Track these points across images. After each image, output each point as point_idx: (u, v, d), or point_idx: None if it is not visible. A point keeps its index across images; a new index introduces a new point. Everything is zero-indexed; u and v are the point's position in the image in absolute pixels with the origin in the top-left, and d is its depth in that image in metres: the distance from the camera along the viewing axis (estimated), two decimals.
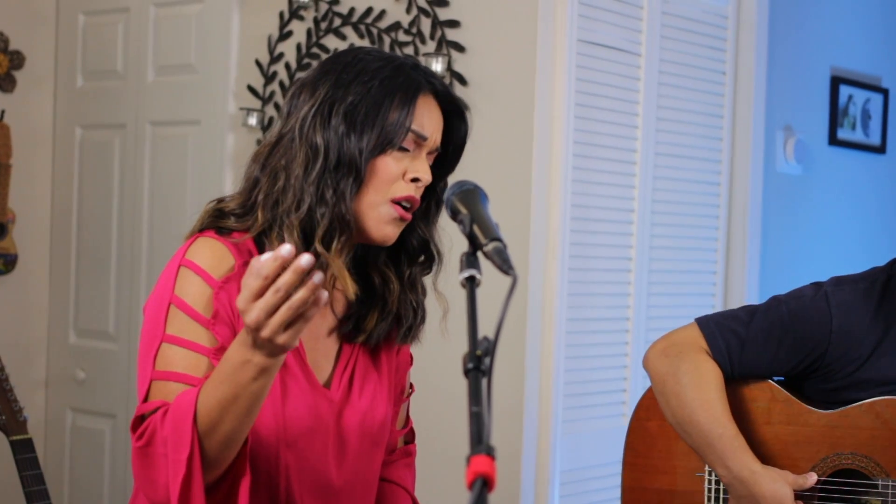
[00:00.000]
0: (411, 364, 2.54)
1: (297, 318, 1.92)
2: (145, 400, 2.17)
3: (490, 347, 1.62)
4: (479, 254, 1.86)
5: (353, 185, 2.21)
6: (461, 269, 1.78)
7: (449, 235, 2.37)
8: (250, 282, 1.90)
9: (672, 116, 4.55)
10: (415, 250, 2.37)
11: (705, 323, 2.76)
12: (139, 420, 2.16)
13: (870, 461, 2.61)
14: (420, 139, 2.25)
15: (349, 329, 2.36)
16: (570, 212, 4.13)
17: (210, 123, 4.82)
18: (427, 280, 2.42)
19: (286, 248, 1.87)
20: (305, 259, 1.86)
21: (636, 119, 4.39)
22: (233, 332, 2.19)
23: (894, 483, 2.58)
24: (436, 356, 4.19)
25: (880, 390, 2.64)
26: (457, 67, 4.19)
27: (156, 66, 5.04)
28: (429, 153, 2.28)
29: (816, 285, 2.77)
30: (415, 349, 2.53)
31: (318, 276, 1.88)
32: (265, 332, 1.92)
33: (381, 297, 2.36)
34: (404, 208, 2.26)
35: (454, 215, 1.99)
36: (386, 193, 2.24)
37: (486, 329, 1.63)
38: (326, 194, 2.20)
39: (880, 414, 2.62)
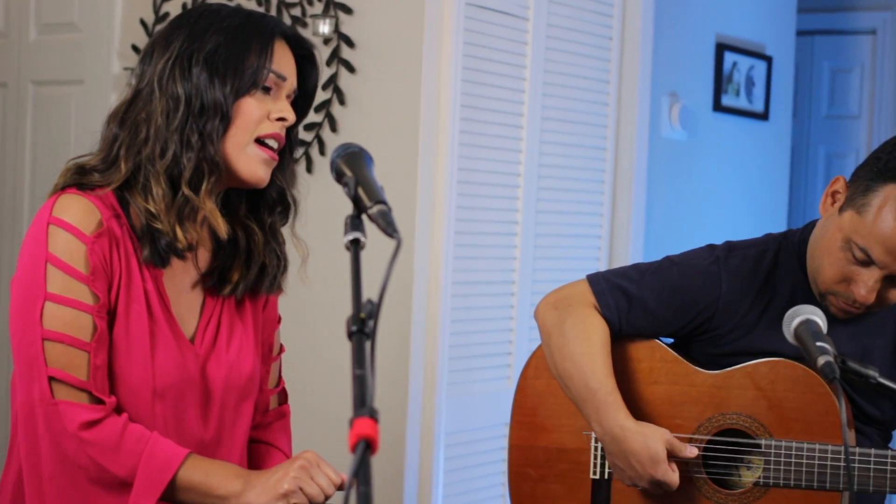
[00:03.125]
0: (279, 323, 2.57)
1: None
2: (46, 363, 2.20)
3: (374, 310, 1.62)
4: (364, 216, 1.87)
5: (219, 127, 2.27)
6: (346, 232, 1.78)
7: (306, 183, 2.42)
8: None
9: (559, 81, 4.56)
10: (273, 200, 2.44)
11: (596, 280, 2.78)
12: (65, 386, 2.20)
13: (754, 421, 2.65)
14: (280, 79, 2.32)
15: (214, 282, 2.39)
16: (456, 175, 4.13)
17: (94, 83, 4.75)
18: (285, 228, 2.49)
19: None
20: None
21: (523, 83, 4.40)
22: (108, 287, 2.23)
23: (777, 442, 2.62)
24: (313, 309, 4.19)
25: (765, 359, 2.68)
26: (344, 29, 4.17)
27: (38, 25, 4.95)
28: (286, 96, 2.35)
29: (710, 248, 2.80)
30: (289, 302, 2.54)
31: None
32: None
33: (246, 248, 2.40)
34: (271, 148, 2.32)
35: (339, 177, 1.99)
36: (252, 133, 2.30)
37: (370, 292, 1.63)
38: (192, 139, 2.25)
39: (765, 375, 2.66)
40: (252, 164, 2.31)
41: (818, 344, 2.27)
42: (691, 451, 2.63)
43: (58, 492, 2.25)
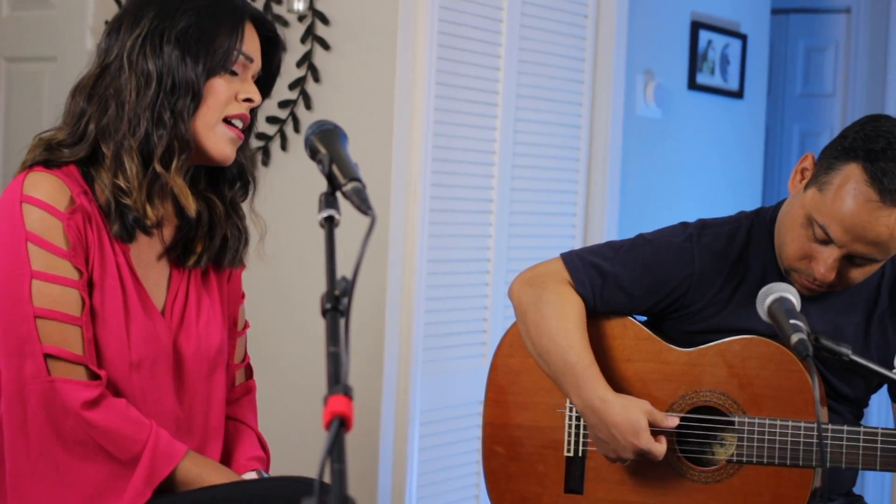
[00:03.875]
0: (243, 298, 2.61)
1: None
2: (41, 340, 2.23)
3: (348, 287, 1.62)
4: (338, 194, 1.87)
5: (191, 106, 2.30)
6: (320, 210, 1.79)
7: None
8: None
9: (534, 59, 4.56)
10: (233, 176, 2.47)
11: (570, 258, 2.79)
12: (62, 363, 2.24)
13: (727, 398, 2.66)
14: (248, 61, 2.36)
15: (178, 254, 2.43)
16: (431, 153, 4.13)
17: (67, 60, 4.71)
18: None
19: None
20: None
21: (498, 61, 4.39)
22: (86, 261, 2.26)
23: (750, 419, 2.63)
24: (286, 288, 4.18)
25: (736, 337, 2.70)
26: (319, 6, 4.15)
27: (11, 1, 4.92)
28: (252, 77, 2.39)
29: (683, 226, 2.81)
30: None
31: None
32: None
33: (208, 220, 2.44)
34: (237, 128, 2.36)
35: (313, 155, 2.00)
36: (221, 113, 2.33)
37: (345, 269, 1.63)
38: (164, 116, 2.28)
39: (738, 352, 2.68)
40: (221, 143, 2.35)
41: (792, 322, 2.28)
42: (672, 421, 2.64)
43: (43, 469, 2.28)
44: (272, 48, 2.45)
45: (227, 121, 2.34)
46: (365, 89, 4.10)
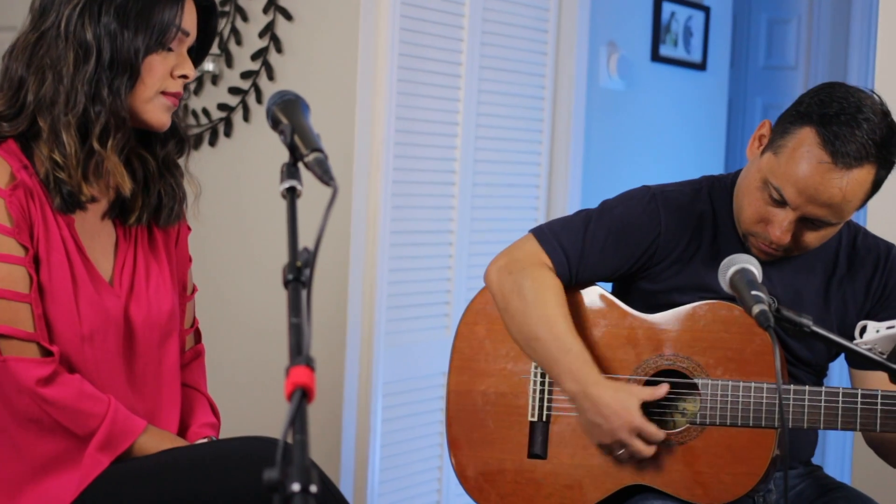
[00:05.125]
0: (190, 262, 2.61)
1: None
2: None
3: (310, 258, 1.62)
4: (300, 164, 1.86)
5: (128, 83, 2.29)
6: (281, 180, 1.78)
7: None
8: None
9: (497, 30, 4.55)
10: (165, 135, 2.45)
11: (542, 234, 2.79)
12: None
13: (690, 362, 2.69)
14: (184, 35, 2.34)
15: (118, 213, 2.41)
16: (394, 124, 4.12)
17: None
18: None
19: None
20: None
21: (461, 32, 4.38)
22: (31, 237, 2.25)
23: (714, 382, 2.66)
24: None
25: (698, 295, 2.72)
26: None
27: None
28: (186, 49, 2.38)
29: (646, 188, 2.84)
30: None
31: None
32: None
33: (143, 176, 2.42)
34: (174, 97, 2.35)
35: (275, 125, 1.99)
36: (157, 90, 2.32)
37: (307, 240, 1.63)
38: (102, 92, 2.27)
39: (702, 316, 2.70)
40: (158, 113, 2.35)
41: (753, 293, 2.30)
42: (661, 390, 2.65)
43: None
44: (208, 15, 2.44)
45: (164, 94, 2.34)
46: (328, 60, 4.09)
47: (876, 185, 2.58)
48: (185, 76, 2.34)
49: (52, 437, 2.28)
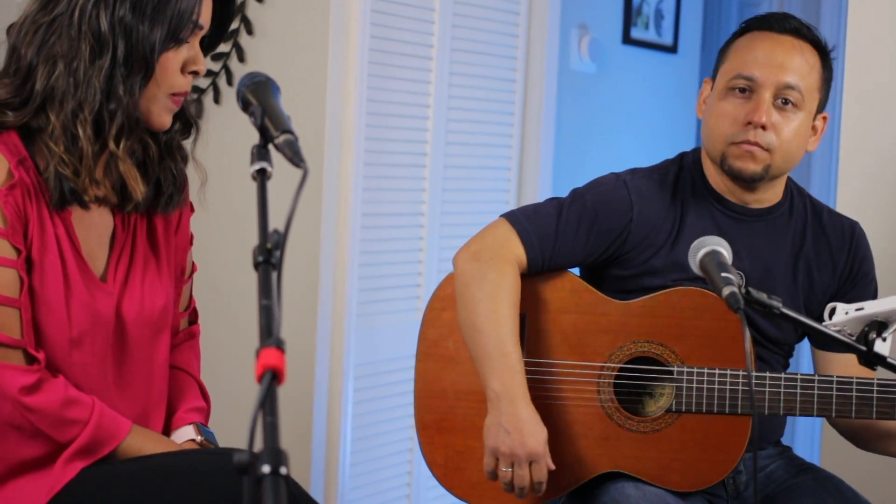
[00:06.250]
0: (191, 244, 2.55)
1: None
2: None
3: (280, 240, 1.62)
4: (271, 146, 1.86)
5: (142, 82, 2.21)
6: (252, 162, 1.78)
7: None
8: None
9: (468, 13, 4.55)
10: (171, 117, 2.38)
11: (515, 218, 2.78)
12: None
13: (665, 348, 2.70)
14: (199, 29, 2.27)
15: (117, 202, 2.32)
16: (365, 106, 4.11)
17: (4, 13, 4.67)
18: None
19: None
20: None
21: (433, 14, 4.38)
22: (25, 238, 2.18)
23: (689, 369, 2.67)
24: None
25: (672, 276, 2.74)
26: None
27: None
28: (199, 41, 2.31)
29: (614, 174, 2.85)
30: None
31: None
32: None
33: (143, 161, 2.34)
34: (179, 99, 2.30)
35: (245, 107, 1.98)
36: (167, 89, 2.26)
37: (278, 222, 1.63)
38: (118, 89, 2.19)
39: (675, 303, 2.71)
40: (161, 115, 2.29)
41: (723, 275, 2.31)
42: (550, 466, 2.66)
43: None
44: (220, 4, 2.36)
45: (172, 93, 2.28)
46: (298, 41, 4.08)
47: (825, 78, 2.76)
48: (196, 72, 2.28)
49: (33, 443, 2.24)
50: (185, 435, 2.45)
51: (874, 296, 2.84)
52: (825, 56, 2.77)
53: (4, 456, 2.24)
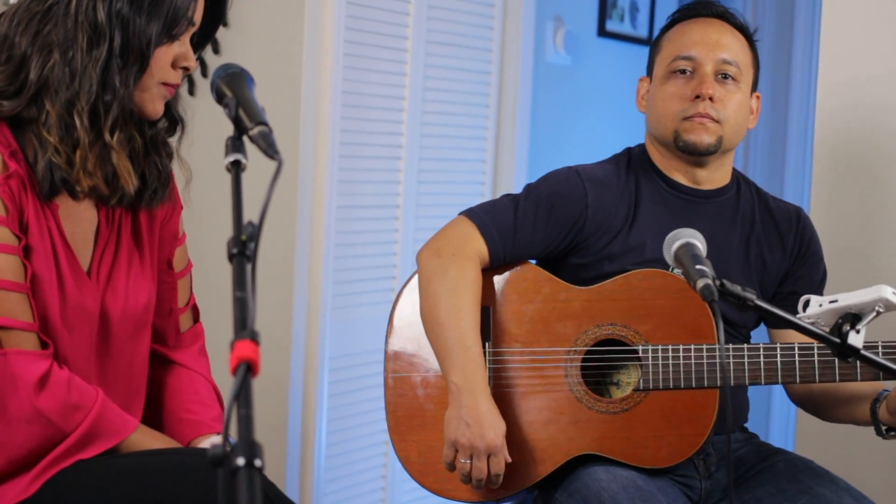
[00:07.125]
0: (182, 241, 2.53)
1: None
2: None
3: (255, 232, 1.62)
4: (245, 138, 1.86)
5: (136, 74, 2.21)
6: (226, 154, 1.78)
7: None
8: None
9: (444, 4, 4.55)
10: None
11: (473, 214, 2.83)
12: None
13: (629, 330, 2.74)
14: (191, 26, 2.27)
15: (108, 193, 2.30)
16: (340, 97, 4.11)
17: None
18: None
19: None
20: None
21: (408, 6, 4.38)
22: (20, 226, 2.18)
23: (654, 347, 2.71)
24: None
25: (630, 260, 2.79)
26: None
27: None
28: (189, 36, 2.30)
29: (566, 167, 2.93)
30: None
31: None
32: None
33: (129, 155, 2.32)
34: (171, 86, 2.29)
35: (219, 99, 1.99)
36: (159, 80, 2.26)
37: (253, 214, 1.62)
38: (114, 80, 2.19)
39: (636, 285, 2.76)
40: (155, 103, 2.28)
41: (697, 267, 2.33)
42: (507, 459, 2.69)
43: None
44: (215, 2, 2.36)
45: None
46: (273, 33, 4.07)
47: (754, 57, 2.91)
48: (186, 68, 2.28)
49: (35, 437, 2.21)
50: (212, 440, 2.46)
51: (823, 276, 2.96)
52: (750, 39, 2.92)
53: (4, 448, 2.22)
